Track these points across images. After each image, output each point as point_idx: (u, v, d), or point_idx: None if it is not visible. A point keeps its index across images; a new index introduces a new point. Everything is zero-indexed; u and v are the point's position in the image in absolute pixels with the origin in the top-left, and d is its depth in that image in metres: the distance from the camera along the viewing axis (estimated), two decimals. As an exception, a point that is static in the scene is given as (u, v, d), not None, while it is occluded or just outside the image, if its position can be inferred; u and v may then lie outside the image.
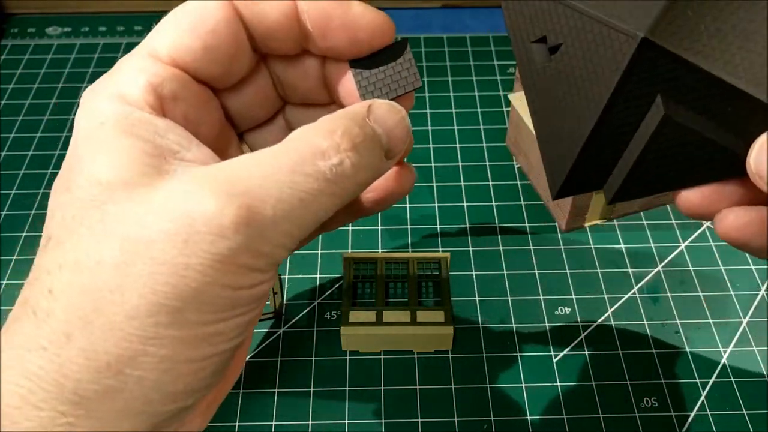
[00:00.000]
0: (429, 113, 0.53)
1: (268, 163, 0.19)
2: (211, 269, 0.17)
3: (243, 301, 0.19)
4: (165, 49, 0.20)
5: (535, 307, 0.41)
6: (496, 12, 0.63)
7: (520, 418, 0.37)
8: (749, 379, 0.38)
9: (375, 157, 0.20)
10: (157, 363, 0.17)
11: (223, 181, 0.18)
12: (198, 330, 0.18)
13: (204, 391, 0.20)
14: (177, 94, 0.20)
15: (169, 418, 0.19)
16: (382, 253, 0.43)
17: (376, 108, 0.21)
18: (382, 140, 0.20)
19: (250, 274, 0.18)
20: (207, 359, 0.18)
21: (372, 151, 0.20)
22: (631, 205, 0.45)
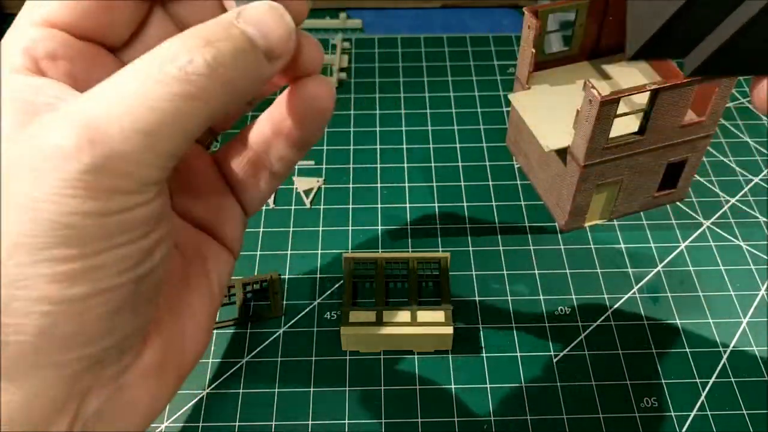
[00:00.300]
0: (429, 113, 0.53)
1: (116, 81, 0.18)
2: (64, 197, 0.16)
3: (118, 229, 0.17)
4: (37, 14, 0.20)
5: (535, 307, 0.41)
6: (496, 12, 0.63)
7: (520, 418, 0.37)
8: (749, 379, 0.38)
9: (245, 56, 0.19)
10: (30, 307, 0.17)
11: (75, 109, 0.17)
12: (67, 266, 0.17)
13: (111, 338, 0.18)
14: (55, 53, 0.20)
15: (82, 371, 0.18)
16: (382, 253, 0.43)
17: (248, 9, 0.19)
18: (255, 41, 0.19)
19: (113, 197, 0.17)
20: (92, 297, 0.17)
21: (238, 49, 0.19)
22: (631, 205, 0.45)
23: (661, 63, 0.45)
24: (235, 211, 0.25)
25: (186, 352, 0.22)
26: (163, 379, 0.21)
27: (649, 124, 0.40)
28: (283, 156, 0.24)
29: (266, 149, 0.24)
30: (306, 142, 0.24)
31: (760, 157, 0.50)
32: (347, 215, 0.46)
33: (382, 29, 0.61)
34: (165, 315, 0.22)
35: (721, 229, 0.46)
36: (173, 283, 0.22)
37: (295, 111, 0.23)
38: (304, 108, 0.23)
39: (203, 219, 0.24)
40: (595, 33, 0.46)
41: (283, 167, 0.25)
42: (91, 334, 0.18)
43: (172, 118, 0.17)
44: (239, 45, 0.18)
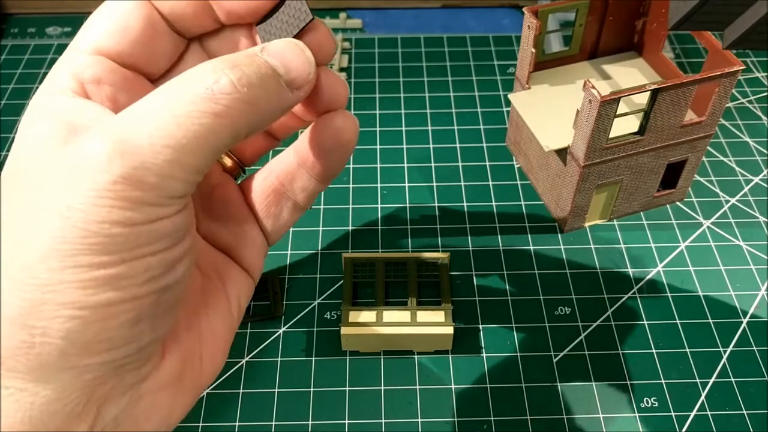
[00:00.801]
0: (429, 113, 0.53)
1: (148, 99, 0.19)
2: (94, 206, 0.17)
3: (143, 239, 0.18)
4: (86, 42, 0.22)
5: (535, 307, 0.41)
6: (496, 12, 0.63)
7: (520, 418, 0.37)
8: (749, 379, 0.38)
9: (268, 80, 0.20)
10: (57, 311, 0.17)
11: (108, 125, 0.18)
12: (94, 273, 0.17)
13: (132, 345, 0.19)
14: (100, 78, 0.21)
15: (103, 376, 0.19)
16: (382, 253, 0.43)
17: (271, 45, 0.21)
18: (278, 70, 0.21)
19: (141, 208, 0.18)
20: (116, 305, 0.18)
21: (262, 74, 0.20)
22: (631, 205, 0.45)
23: (661, 63, 0.46)
24: (257, 238, 0.26)
25: (203, 369, 0.23)
26: (180, 393, 0.22)
27: (649, 124, 0.40)
28: (307, 187, 0.26)
29: (291, 180, 0.26)
30: (329, 175, 0.26)
31: (760, 157, 0.50)
32: (347, 215, 0.46)
33: (382, 29, 0.61)
34: (184, 330, 0.22)
35: (721, 229, 0.46)
36: (194, 300, 0.23)
37: (320, 143, 0.24)
38: (329, 140, 0.24)
39: (227, 243, 0.25)
40: (595, 33, 0.46)
41: (306, 198, 0.26)
42: (113, 341, 0.18)
43: (199, 134, 0.18)
44: (263, 71, 0.20)
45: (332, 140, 0.24)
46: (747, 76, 0.56)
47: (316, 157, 0.25)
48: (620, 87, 0.45)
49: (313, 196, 0.26)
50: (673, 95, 0.38)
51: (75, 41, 0.22)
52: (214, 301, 0.24)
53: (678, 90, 0.38)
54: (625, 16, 0.45)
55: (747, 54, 0.58)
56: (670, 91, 0.38)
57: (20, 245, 0.18)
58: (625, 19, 0.46)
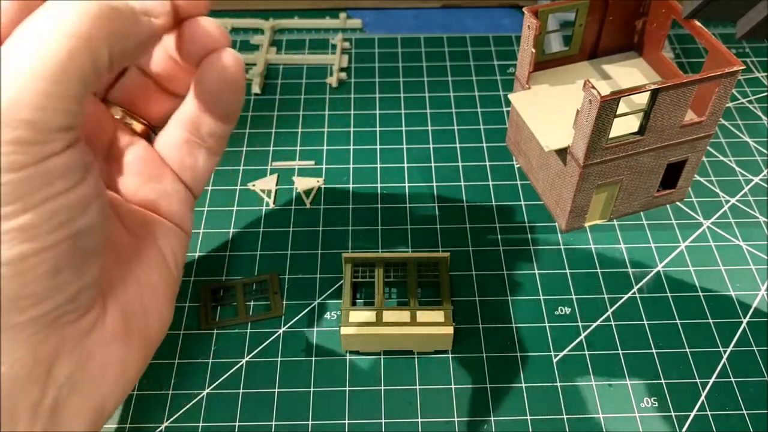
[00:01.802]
0: (429, 113, 0.53)
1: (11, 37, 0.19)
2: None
3: (39, 182, 0.18)
4: None
5: (535, 307, 0.41)
6: (496, 12, 0.63)
7: (520, 418, 0.37)
8: (749, 379, 0.38)
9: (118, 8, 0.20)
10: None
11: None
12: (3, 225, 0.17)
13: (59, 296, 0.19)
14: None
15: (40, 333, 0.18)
16: (382, 253, 0.43)
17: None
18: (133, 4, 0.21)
19: (25, 148, 0.17)
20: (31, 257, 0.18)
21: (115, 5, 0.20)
22: (631, 205, 0.45)
23: (661, 63, 0.46)
24: (180, 191, 0.27)
25: (149, 323, 0.24)
26: (129, 345, 0.22)
27: (649, 124, 0.40)
28: (214, 132, 0.26)
29: (196, 128, 0.26)
30: (229, 114, 0.26)
31: (760, 157, 0.50)
32: (347, 215, 0.46)
33: (382, 29, 0.61)
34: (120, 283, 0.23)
35: (721, 229, 0.46)
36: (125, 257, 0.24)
37: (209, 86, 0.25)
38: (216, 81, 0.24)
39: (150, 200, 0.26)
40: (595, 33, 0.46)
41: (216, 142, 0.27)
42: (38, 294, 0.18)
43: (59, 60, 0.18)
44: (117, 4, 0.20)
45: (218, 81, 0.24)
46: (747, 76, 0.56)
47: (210, 100, 0.25)
48: (620, 87, 0.45)
49: (224, 139, 0.27)
50: (673, 95, 0.38)
51: None
52: (146, 255, 0.24)
53: (678, 90, 0.38)
54: (625, 16, 0.45)
55: (747, 54, 0.58)
56: (670, 91, 0.38)
57: None
58: (625, 19, 0.46)
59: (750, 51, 0.59)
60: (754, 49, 0.59)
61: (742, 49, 0.59)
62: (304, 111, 0.54)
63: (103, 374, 0.21)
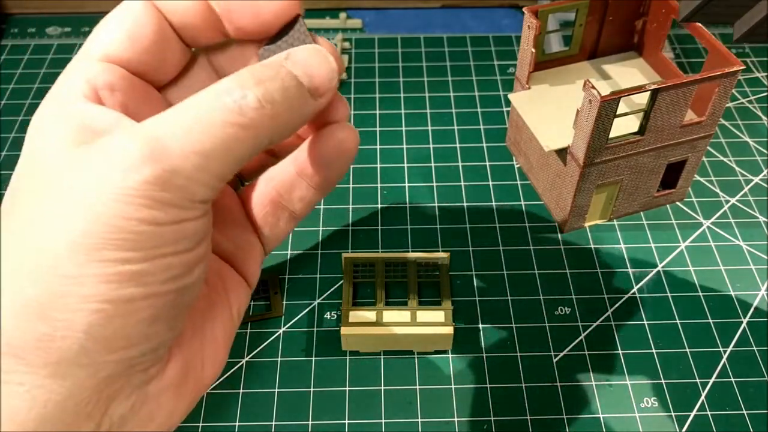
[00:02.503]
0: (429, 113, 0.53)
1: (177, 108, 0.20)
2: (122, 203, 0.18)
3: (167, 239, 0.19)
4: (96, 46, 0.22)
5: (535, 307, 0.41)
6: (496, 12, 0.63)
7: (520, 418, 0.37)
8: (749, 379, 0.38)
9: (295, 97, 0.21)
10: (81, 303, 0.18)
11: (137, 128, 0.19)
12: (119, 268, 0.18)
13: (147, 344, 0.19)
14: (113, 85, 0.22)
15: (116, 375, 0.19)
16: (382, 253, 0.43)
17: (295, 52, 0.22)
18: (301, 79, 0.21)
19: (166, 208, 0.18)
20: (137, 301, 0.18)
21: (289, 90, 0.21)
22: (631, 205, 0.45)
23: (661, 63, 0.46)
24: (256, 247, 0.27)
25: (204, 374, 0.24)
26: (182, 396, 0.22)
27: (649, 124, 0.40)
28: (305, 197, 0.26)
29: (289, 190, 0.26)
30: (328, 185, 0.26)
31: (760, 157, 0.50)
32: (347, 215, 0.46)
33: (382, 29, 0.61)
34: (189, 334, 0.23)
35: (721, 229, 0.46)
36: (199, 305, 0.24)
37: (321, 155, 0.25)
38: (331, 151, 0.25)
39: (228, 252, 0.26)
40: (595, 33, 0.46)
41: (303, 208, 0.27)
42: (132, 338, 0.19)
43: (225, 143, 0.19)
44: (287, 84, 0.21)
45: (333, 151, 0.25)
46: (747, 76, 0.56)
47: (315, 167, 0.25)
48: (620, 87, 0.45)
49: (311, 206, 0.27)
50: (673, 95, 0.38)
51: (86, 47, 0.22)
52: (217, 307, 0.25)
53: (678, 90, 0.38)
54: (625, 16, 0.45)
55: (747, 54, 0.58)
56: (670, 91, 0.38)
57: (45, 238, 0.18)
58: (625, 19, 0.46)
59: (750, 51, 0.59)
60: (754, 49, 0.59)
61: (742, 49, 0.59)
62: (304, 111, 0.53)
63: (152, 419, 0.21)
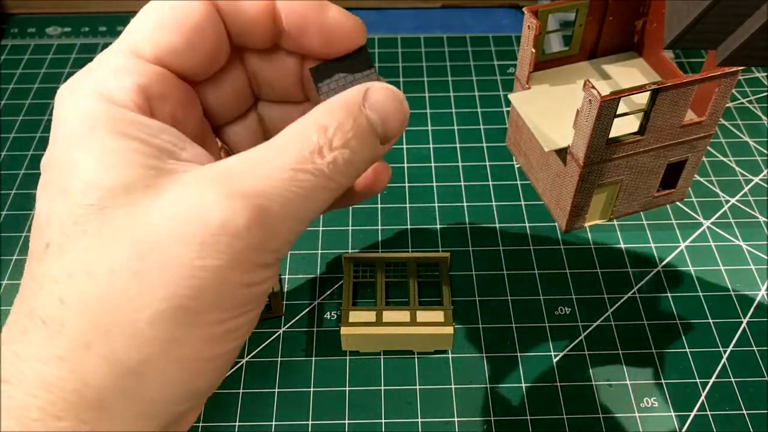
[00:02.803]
0: (429, 113, 0.53)
1: (269, 162, 0.19)
2: (228, 270, 0.18)
3: (254, 297, 0.19)
4: (149, 47, 0.20)
5: (535, 307, 0.41)
6: (496, 12, 0.63)
7: (520, 418, 0.37)
8: (749, 379, 0.38)
9: (370, 147, 0.21)
10: (176, 363, 0.18)
11: (230, 181, 0.18)
12: (215, 329, 0.18)
13: (213, 389, 0.20)
14: (165, 94, 0.20)
15: (179, 417, 0.19)
16: (382, 254, 0.43)
17: (373, 94, 0.21)
18: (377, 129, 0.21)
19: (260, 270, 0.19)
20: (221, 357, 0.19)
21: (366, 142, 0.20)
22: (631, 205, 0.45)
23: (661, 63, 0.45)
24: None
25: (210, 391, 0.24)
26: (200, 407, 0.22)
27: (649, 124, 0.40)
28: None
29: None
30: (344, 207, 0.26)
31: (760, 157, 0.50)
32: (347, 215, 0.46)
33: (382, 29, 0.61)
34: None
35: (721, 229, 0.46)
36: None
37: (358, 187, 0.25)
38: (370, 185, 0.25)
39: None
40: (595, 33, 0.46)
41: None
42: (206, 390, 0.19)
43: (314, 204, 0.19)
44: (366, 138, 0.20)
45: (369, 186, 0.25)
46: (747, 76, 0.56)
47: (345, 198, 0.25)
48: (620, 87, 0.45)
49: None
50: (673, 95, 0.38)
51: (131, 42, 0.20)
52: None
53: (678, 90, 0.38)
54: (625, 16, 0.45)
55: (747, 54, 0.58)
56: (670, 91, 0.38)
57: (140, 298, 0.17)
58: (625, 19, 0.46)
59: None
60: (754, 49, 0.59)
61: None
62: (304, 111, 0.53)
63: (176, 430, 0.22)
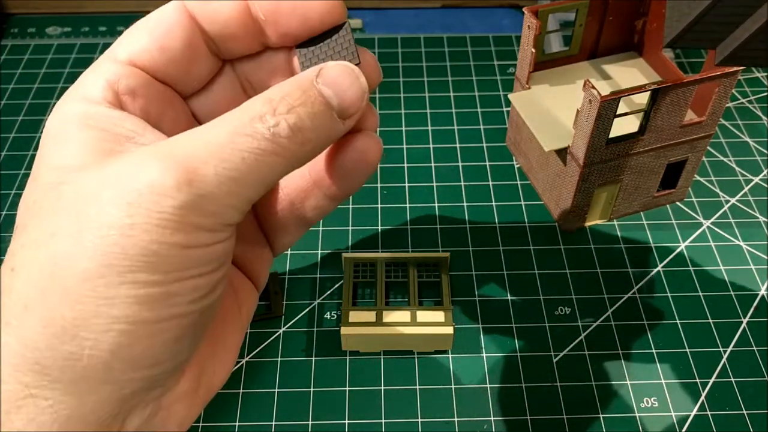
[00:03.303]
0: (429, 113, 0.53)
1: (210, 130, 0.20)
2: (157, 228, 0.18)
3: (196, 261, 0.19)
4: (123, 51, 0.22)
5: (535, 307, 0.41)
6: (496, 12, 0.63)
7: (520, 418, 0.37)
8: (749, 379, 0.38)
9: (322, 118, 0.21)
10: (110, 324, 0.18)
11: (168, 150, 0.19)
12: (149, 290, 0.18)
13: (171, 361, 0.20)
14: (135, 90, 0.22)
15: (139, 391, 0.19)
16: (382, 254, 0.43)
17: (327, 70, 0.21)
18: (331, 102, 0.21)
19: (198, 233, 0.19)
20: (164, 321, 0.19)
21: (317, 112, 0.21)
22: (631, 205, 0.45)
23: (661, 63, 0.45)
24: (266, 252, 0.27)
25: (215, 379, 0.24)
26: (194, 402, 0.23)
27: (649, 124, 0.40)
28: (318, 206, 0.26)
29: (302, 199, 0.26)
30: (344, 195, 0.26)
31: (760, 157, 0.50)
32: (347, 215, 0.46)
33: (382, 29, 0.61)
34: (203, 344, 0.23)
35: (721, 229, 0.46)
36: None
37: (342, 164, 0.24)
38: (353, 162, 0.24)
39: (238, 258, 0.26)
40: (595, 33, 0.46)
41: (316, 216, 0.27)
42: (157, 357, 0.19)
43: (257, 168, 0.20)
44: (317, 109, 0.21)
45: (353, 162, 0.24)
46: (747, 76, 0.56)
47: (333, 177, 0.25)
48: (620, 87, 0.45)
49: (324, 214, 0.27)
50: (673, 95, 0.38)
51: (111, 50, 0.22)
52: (228, 314, 0.25)
53: (678, 90, 0.38)
54: (625, 16, 0.45)
55: (747, 54, 0.58)
56: (670, 91, 0.38)
57: (77, 257, 0.18)
58: (625, 19, 0.46)
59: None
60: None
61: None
62: (304, 111, 0.53)
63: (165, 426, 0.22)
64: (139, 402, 0.20)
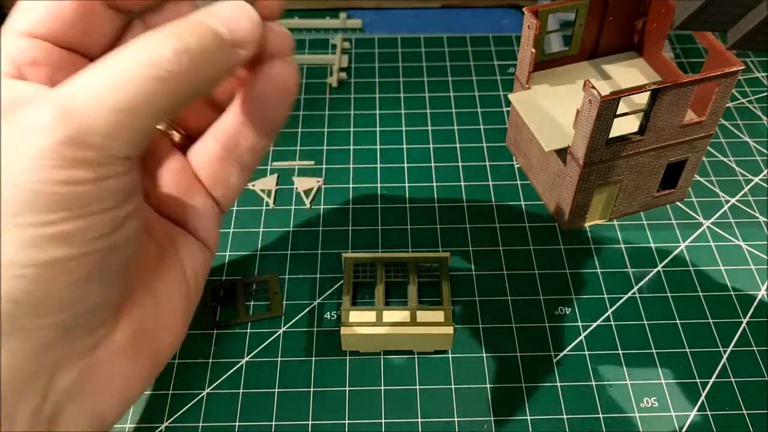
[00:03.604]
0: (429, 113, 0.53)
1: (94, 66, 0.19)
2: (34, 165, 0.18)
3: (89, 198, 0.19)
4: (20, 25, 0.22)
5: (535, 307, 0.41)
6: (496, 12, 0.63)
7: (520, 418, 0.37)
8: (749, 379, 0.38)
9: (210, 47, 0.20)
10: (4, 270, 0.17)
11: (52, 92, 0.19)
12: (40, 231, 0.18)
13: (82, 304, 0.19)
14: (36, 60, 0.22)
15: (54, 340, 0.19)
16: (382, 254, 0.43)
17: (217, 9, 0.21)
18: (222, 34, 0.21)
19: (85, 167, 0.18)
20: (64, 262, 0.18)
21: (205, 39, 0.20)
22: (631, 205, 0.45)
23: (661, 63, 0.45)
24: (208, 207, 0.26)
25: (160, 339, 0.23)
26: (137, 362, 0.22)
27: (649, 124, 0.40)
28: (252, 146, 0.26)
29: (235, 143, 0.26)
30: (272, 128, 0.25)
31: (760, 157, 0.50)
32: (347, 215, 0.46)
33: (382, 29, 0.61)
34: (137, 297, 0.23)
35: (721, 229, 0.46)
36: (146, 268, 0.23)
37: (263, 96, 0.24)
38: (273, 91, 0.24)
39: (177, 214, 0.25)
40: (595, 33, 0.46)
41: (252, 158, 0.26)
42: (63, 301, 0.19)
43: (143, 98, 0.19)
44: (205, 37, 0.20)
45: (273, 90, 0.24)
46: (747, 76, 0.56)
47: (258, 112, 0.25)
48: (620, 87, 0.45)
49: (260, 156, 0.26)
50: (673, 95, 0.38)
51: (6, 25, 0.22)
52: (167, 271, 0.24)
53: (678, 90, 0.38)
54: (625, 16, 0.45)
55: (747, 54, 0.58)
56: (670, 91, 0.38)
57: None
58: (625, 19, 0.46)
59: (750, 51, 0.59)
60: (754, 49, 0.59)
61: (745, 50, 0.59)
62: (304, 111, 0.54)
63: (105, 388, 0.21)
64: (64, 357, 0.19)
